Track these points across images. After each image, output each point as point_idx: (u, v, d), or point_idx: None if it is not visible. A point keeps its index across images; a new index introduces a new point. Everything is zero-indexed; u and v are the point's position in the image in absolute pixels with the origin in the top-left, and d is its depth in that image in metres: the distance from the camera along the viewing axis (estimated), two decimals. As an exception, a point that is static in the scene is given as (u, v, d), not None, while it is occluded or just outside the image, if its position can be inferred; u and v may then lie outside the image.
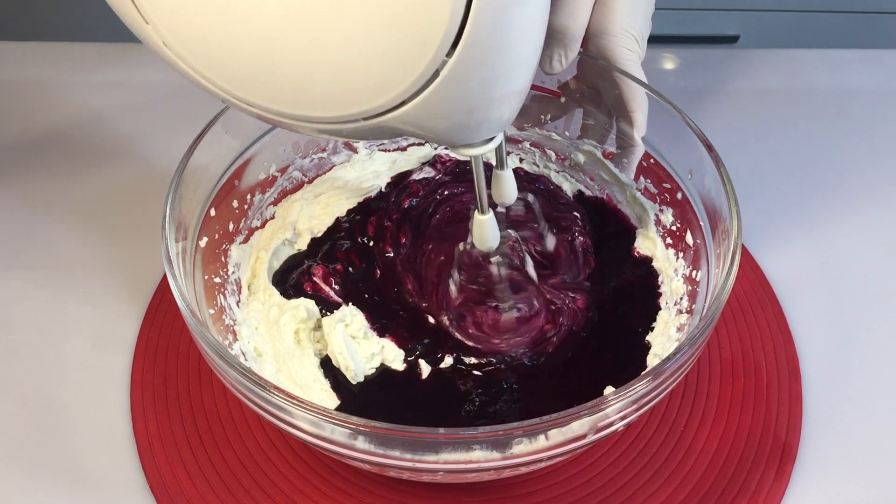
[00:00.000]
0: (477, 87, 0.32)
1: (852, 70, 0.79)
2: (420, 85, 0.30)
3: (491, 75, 0.31)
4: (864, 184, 0.67)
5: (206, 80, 0.34)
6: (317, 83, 0.32)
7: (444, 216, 0.58)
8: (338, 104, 0.32)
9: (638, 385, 0.38)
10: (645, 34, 0.52)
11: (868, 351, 0.56)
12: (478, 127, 0.35)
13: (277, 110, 0.34)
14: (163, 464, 0.49)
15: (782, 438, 0.50)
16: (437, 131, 0.34)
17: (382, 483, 0.48)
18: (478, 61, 0.30)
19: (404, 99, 0.31)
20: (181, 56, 0.33)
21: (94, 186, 0.66)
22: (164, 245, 0.43)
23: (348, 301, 0.53)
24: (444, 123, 0.33)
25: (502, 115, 0.35)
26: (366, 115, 0.32)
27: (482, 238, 0.46)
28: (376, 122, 0.32)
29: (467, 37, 0.29)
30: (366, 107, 0.32)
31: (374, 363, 0.50)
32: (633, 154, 0.53)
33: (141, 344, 0.55)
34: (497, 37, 0.30)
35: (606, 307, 0.53)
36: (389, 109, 0.32)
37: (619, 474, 0.48)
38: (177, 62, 0.34)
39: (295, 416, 0.38)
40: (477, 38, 0.29)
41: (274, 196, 0.57)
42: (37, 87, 0.76)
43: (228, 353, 0.39)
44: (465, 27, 0.28)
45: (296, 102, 0.33)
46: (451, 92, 0.31)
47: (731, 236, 0.44)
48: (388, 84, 0.31)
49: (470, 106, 0.33)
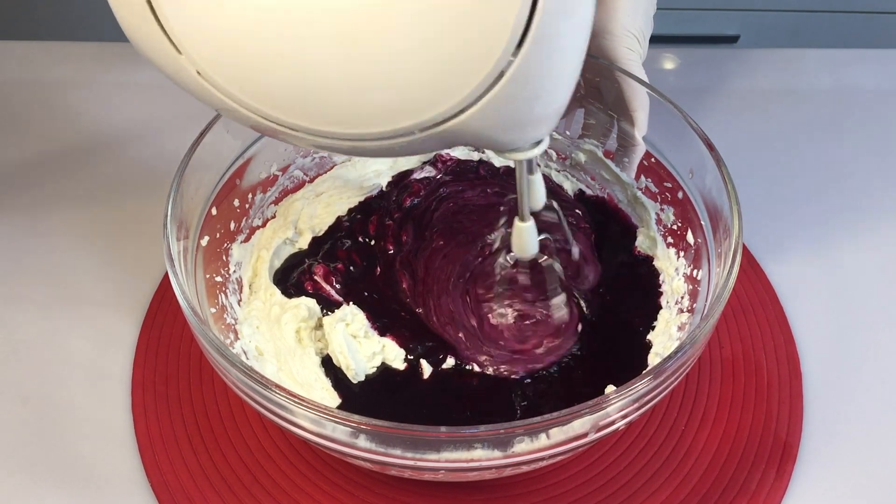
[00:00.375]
0: (536, 89, 0.31)
1: (852, 70, 0.79)
2: (485, 88, 0.29)
3: (549, 77, 0.31)
4: (865, 183, 0.67)
5: (246, 108, 0.32)
6: (372, 97, 0.30)
7: (446, 214, 0.58)
8: (395, 117, 0.31)
9: (639, 384, 0.38)
10: (646, 34, 0.52)
11: (869, 350, 0.56)
12: (535, 127, 0.35)
13: (327, 131, 0.32)
14: (164, 463, 0.49)
15: (783, 438, 0.50)
16: (495, 136, 0.33)
17: (383, 482, 0.48)
18: (542, 57, 0.29)
19: (467, 104, 0.30)
20: (217, 84, 0.31)
21: (95, 185, 0.66)
22: (166, 244, 0.43)
23: (349, 300, 0.53)
24: (503, 127, 0.33)
25: (556, 111, 0.34)
26: (423, 126, 0.31)
27: (523, 246, 0.45)
28: (434, 131, 0.31)
29: (534, 33, 0.28)
30: (426, 116, 0.30)
31: (375, 362, 0.51)
32: (634, 153, 0.53)
33: (142, 343, 0.55)
34: (561, 31, 0.29)
35: (607, 306, 0.53)
36: (450, 117, 0.30)
37: (619, 473, 0.48)
38: (213, 92, 0.32)
39: (296, 414, 0.38)
40: (540, 38, 0.28)
41: (275, 195, 0.57)
42: (38, 87, 0.76)
43: (230, 351, 0.39)
44: (532, 24, 0.28)
45: (348, 120, 0.31)
46: (514, 93, 0.30)
47: (732, 235, 0.44)
48: (451, 90, 0.29)
49: (532, 105, 0.32)
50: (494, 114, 0.31)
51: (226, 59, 0.31)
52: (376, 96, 0.30)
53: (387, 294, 0.54)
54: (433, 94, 0.30)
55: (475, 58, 0.28)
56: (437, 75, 0.29)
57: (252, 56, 0.30)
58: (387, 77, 0.29)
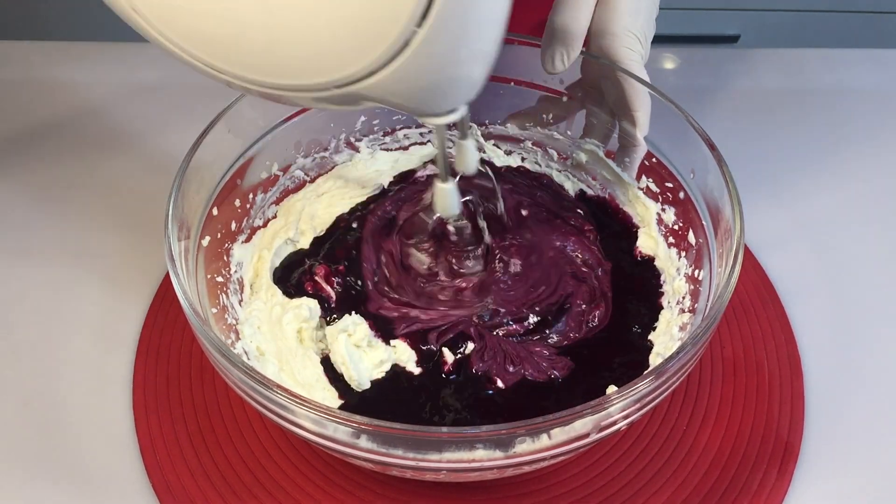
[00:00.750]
0: (446, 59, 0.32)
1: (853, 69, 0.79)
2: (390, 55, 0.30)
3: (460, 47, 0.32)
4: (866, 182, 0.67)
5: (176, 47, 0.34)
6: (288, 50, 0.32)
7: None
8: (309, 72, 0.32)
9: (641, 384, 0.38)
10: (648, 35, 0.52)
11: (870, 350, 0.56)
12: (445, 97, 0.36)
13: (250, 78, 0.34)
14: (165, 463, 0.49)
15: (784, 437, 0.50)
16: (407, 101, 0.35)
17: (385, 482, 0.48)
18: (448, 33, 0.30)
19: (374, 69, 0.31)
20: (150, 22, 0.33)
21: (96, 186, 0.66)
22: (167, 244, 0.43)
23: (348, 302, 0.53)
24: (414, 93, 0.34)
25: (470, 85, 0.35)
26: (337, 84, 0.32)
27: (445, 205, 0.47)
28: (347, 90, 0.33)
29: (438, 7, 0.29)
30: (336, 75, 0.32)
31: (384, 368, 0.50)
32: (635, 153, 0.53)
33: (143, 343, 0.55)
34: (465, 10, 0.30)
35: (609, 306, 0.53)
36: (359, 78, 0.32)
37: (621, 473, 0.48)
38: (146, 28, 0.34)
39: (298, 414, 0.38)
40: (446, 11, 0.29)
41: (276, 195, 0.57)
42: (39, 87, 0.76)
43: (231, 352, 0.39)
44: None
45: (267, 69, 0.33)
46: (420, 63, 0.31)
47: (734, 235, 0.44)
48: (358, 53, 0.31)
49: (439, 77, 0.33)
50: (403, 80, 0.32)
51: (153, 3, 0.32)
52: (290, 50, 0.32)
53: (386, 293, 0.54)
54: (341, 55, 0.31)
55: (380, 25, 0.30)
56: (346, 38, 0.30)
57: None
58: (299, 33, 0.31)
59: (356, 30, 0.30)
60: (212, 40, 0.33)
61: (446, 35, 0.30)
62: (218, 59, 0.34)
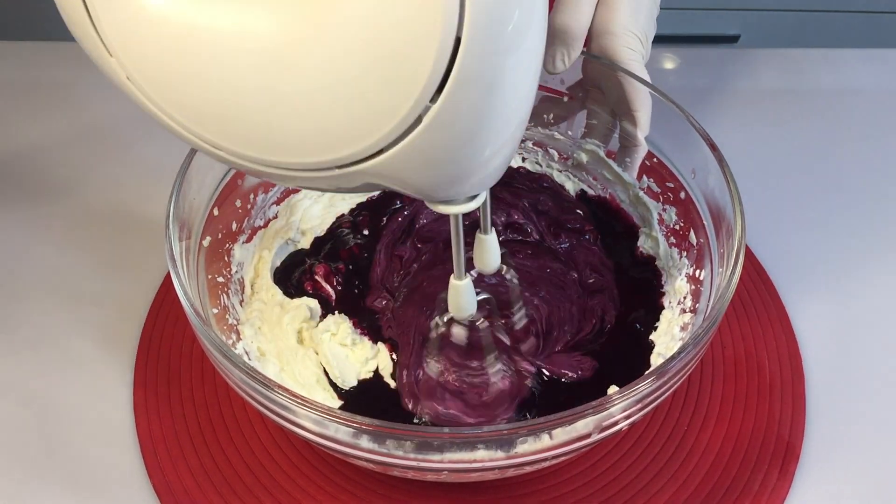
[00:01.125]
0: (462, 138, 0.29)
1: (853, 69, 0.79)
2: (401, 131, 0.28)
3: (478, 126, 0.29)
4: (867, 183, 0.67)
5: (172, 120, 0.31)
6: (290, 126, 0.29)
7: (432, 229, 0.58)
8: (311, 149, 0.30)
9: (642, 384, 0.38)
10: (649, 35, 0.52)
11: (871, 350, 0.56)
12: (461, 182, 0.32)
13: (246, 154, 0.31)
14: (166, 464, 0.49)
15: (785, 438, 0.50)
16: (417, 184, 0.31)
17: (386, 482, 0.48)
18: (464, 109, 0.28)
19: (383, 146, 0.28)
20: (144, 92, 0.31)
21: (97, 186, 0.66)
22: (168, 244, 0.43)
23: (347, 301, 0.53)
24: (425, 175, 0.31)
25: (489, 171, 0.32)
26: (340, 163, 0.30)
27: (458, 305, 0.43)
28: (351, 170, 0.30)
29: (453, 82, 0.26)
30: (341, 153, 0.29)
31: (370, 367, 0.50)
32: (636, 153, 0.53)
33: (144, 344, 0.55)
34: (486, 84, 0.27)
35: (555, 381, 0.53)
36: (366, 157, 0.29)
37: (622, 474, 0.48)
38: (142, 100, 0.31)
39: (299, 415, 0.38)
40: (464, 84, 0.26)
41: (277, 195, 0.57)
42: (38, 87, 0.76)
43: (232, 352, 0.39)
44: (452, 71, 0.26)
45: (267, 147, 0.30)
46: (434, 141, 0.28)
47: (735, 235, 0.44)
48: (366, 129, 0.28)
49: (454, 158, 0.30)
50: (415, 160, 0.29)
51: (151, 69, 0.30)
52: (292, 127, 0.29)
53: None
54: (348, 133, 0.29)
55: (390, 98, 0.27)
56: (353, 114, 0.28)
57: (176, 70, 0.29)
58: (302, 109, 0.28)
59: (366, 104, 0.27)
60: (209, 113, 0.30)
61: (463, 112, 0.28)
62: (215, 134, 0.31)
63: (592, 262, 0.56)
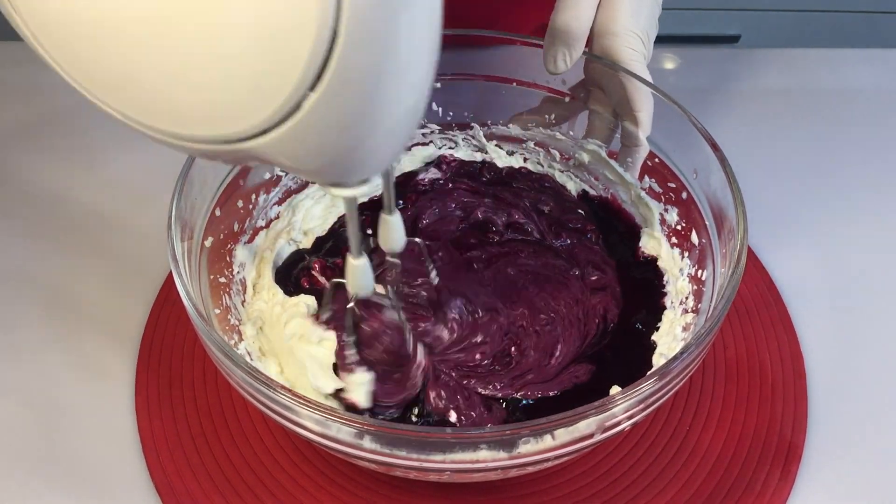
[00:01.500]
0: (345, 126, 0.29)
1: (854, 69, 0.79)
2: (281, 116, 0.28)
3: (359, 116, 0.29)
4: (868, 183, 0.67)
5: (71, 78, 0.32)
6: (178, 98, 0.29)
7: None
8: (199, 123, 0.30)
9: (644, 385, 0.38)
10: (651, 35, 0.52)
11: (873, 350, 0.56)
12: (350, 167, 0.32)
13: (145, 123, 0.31)
14: (168, 464, 0.49)
15: (787, 438, 0.50)
16: (303, 166, 0.32)
17: (388, 483, 0.48)
18: (347, 100, 0.28)
19: (265, 128, 0.28)
20: (48, 52, 0.31)
21: (98, 186, 0.66)
22: (170, 245, 0.43)
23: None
24: (310, 159, 0.31)
25: (376, 158, 0.32)
26: (227, 139, 0.30)
27: (357, 284, 0.43)
28: (238, 147, 0.30)
29: (331, 73, 0.26)
30: (227, 130, 0.29)
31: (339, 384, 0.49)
32: (637, 153, 0.53)
33: (145, 344, 0.55)
34: (365, 77, 0.27)
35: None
36: (250, 136, 0.29)
37: (624, 474, 0.48)
38: (46, 59, 0.31)
39: (301, 415, 0.38)
40: (342, 76, 0.26)
41: (278, 196, 0.57)
42: (38, 88, 0.75)
43: (234, 352, 0.39)
44: (329, 62, 0.26)
45: (159, 116, 0.31)
46: (315, 128, 0.28)
47: (738, 236, 0.44)
48: (248, 109, 0.28)
49: (337, 144, 0.30)
50: (296, 144, 0.29)
51: (48, 30, 0.30)
52: (182, 99, 0.29)
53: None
54: (231, 111, 0.29)
55: (270, 82, 0.27)
56: (235, 93, 0.28)
57: (69, 32, 0.30)
58: (190, 83, 0.29)
59: (244, 83, 0.27)
60: (107, 80, 0.30)
61: (344, 102, 0.28)
62: (116, 101, 0.31)
63: (594, 260, 0.56)
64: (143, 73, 0.29)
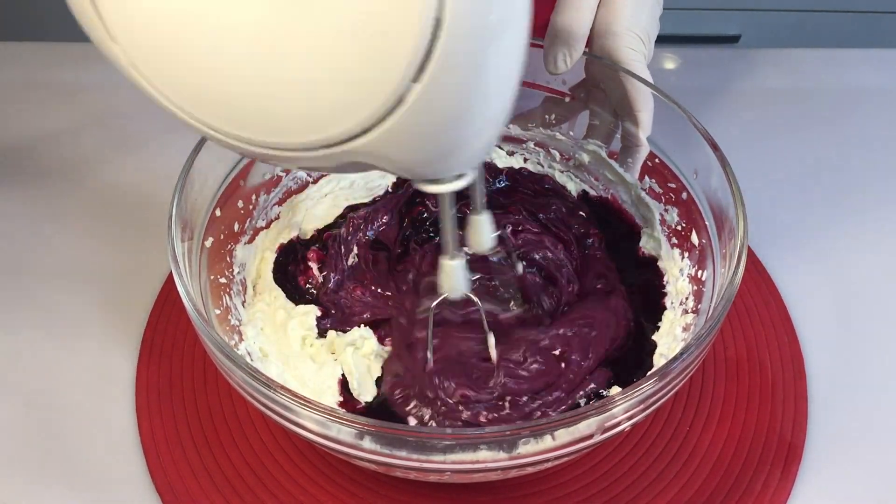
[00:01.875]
0: (445, 117, 0.29)
1: (855, 69, 0.79)
2: (384, 111, 0.28)
3: (461, 106, 0.29)
4: (868, 183, 0.67)
5: (173, 105, 0.32)
6: (278, 106, 0.30)
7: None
8: (300, 130, 0.30)
9: (645, 385, 0.38)
10: (652, 35, 0.52)
11: (873, 350, 0.56)
12: (445, 161, 0.33)
13: (241, 136, 0.32)
14: (168, 465, 0.49)
15: (788, 438, 0.50)
16: (402, 163, 0.32)
17: (388, 483, 0.48)
18: (449, 89, 0.28)
19: (367, 126, 0.29)
20: (147, 79, 0.32)
21: (99, 186, 0.66)
22: (170, 245, 0.43)
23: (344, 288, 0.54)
24: (411, 155, 0.31)
25: (474, 150, 0.32)
26: (328, 143, 0.30)
27: (451, 285, 0.43)
28: (338, 150, 0.30)
29: (435, 62, 0.27)
30: (328, 133, 0.30)
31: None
32: (637, 154, 0.53)
33: (146, 344, 0.55)
34: (469, 65, 0.28)
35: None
36: (352, 137, 0.29)
37: (624, 474, 0.48)
38: (145, 86, 0.32)
39: (301, 416, 0.38)
40: (446, 65, 0.27)
41: (279, 196, 0.57)
42: (38, 88, 0.75)
43: (235, 353, 0.39)
44: (433, 52, 0.26)
45: (259, 129, 0.31)
46: (417, 121, 0.29)
47: (738, 236, 0.44)
48: (351, 109, 0.29)
49: (437, 137, 0.30)
50: (399, 140, 0.29)
51: (150, 55, 0.31)
52: (281, 109, 0.30)
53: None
54: (333, 113, 0.29)
55: (373, 78, 0.27)
56: (338, 95, 0.28)
57: (172, 56, 0.30)
58: (290, 92, 0.29)
59: (348, 82, 0.28)
60: (206, 98, 0.31)
61: (447, 91, 0.28)
62: (212, 118, 0.32)
63: (598, 269, 0.56)
64: (245, 91, 0.30)
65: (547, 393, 0.48)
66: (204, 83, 0.31)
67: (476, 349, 0.49)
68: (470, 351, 0.49)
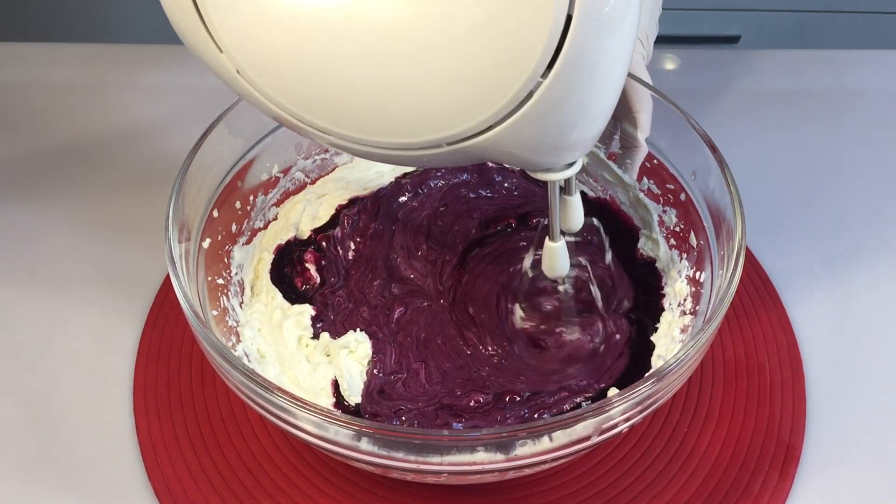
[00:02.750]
0: (570, 109, 0.31)
1: (854, 70, 0.79)
2: (512, 107, 0.29)
3: (584, 97, 0.30)
4: (867, 184, 0.67)
5: (282, 109, 0.33)
6: (402, 108, 0.30)
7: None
8: (423, 129, 0.31)
9: (642, 387, 0.38)
10: (651, 35, 0.52)
11: (871, 351, 0.56)
12: (562, 150, 0.34)
13: (355, 137, 0.32)
14: (166, 466, 0.49)
15: (786, 440, 0.50)
16: (523, 156, 0.33)
17: (385, 484, 0.48)
18: (573, 82, 0.29)
19: (493, 122, 0.30)
20: (255, 84, 0.32)
21: (96, 187, 0.66)
22: (168, 246, 0.43)
23: (342, 282, 0.54)
24: (531, 147, 0.32)
25: (588, 139, 0.34)
26: (451, 140, 0.31)
27: (553, 266, 0.45)
28: (461, 146, 0.31)
29: (564, 57, 0.28)
30: (452, 131, 0.30)
31: None
32: (636, 155, 0.53)
33: (144, 346, 0.55)
34: (593, 57, 0.29)
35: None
36: (476, 133, 0.30)
37: (622, 476, 0.48)
38: (251, 91, 0.33)
39: (298, 417, 0.38)
40: (574, 59, 0.28)
41: (276, 197, 0.57)
42: (38, 88, 0.75)
43: (232, 354, 0.39)
44: (563, 47, 0.27)
45: (377, 129, 0.32)
46: (541, 115, 0.30)
47: (736, 237, 0.44)
48: (478, 106, 0.29)
49: (559, 129, 0.32)
50: (523, 134, 0.30)
51: (262, 61, 0.31)
52: (404, 108, 0.30)
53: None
54: (459, 110, 0.30)
55: (502, 77, 0.28)
56: (464, 92, 0.29)
57: (287, 60, 0.31)
58: (415, 92, 0.30)
59: (477, 82, 0.29)
60: (320, 100, 0.32)
61: (571, 85, 0.29)
62: (324, 120, 0.32)
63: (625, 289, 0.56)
64: (365, 93, 0.30)
65: (547, 394, 0.48)
66: (318, 87, 0.31)
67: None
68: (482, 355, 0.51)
